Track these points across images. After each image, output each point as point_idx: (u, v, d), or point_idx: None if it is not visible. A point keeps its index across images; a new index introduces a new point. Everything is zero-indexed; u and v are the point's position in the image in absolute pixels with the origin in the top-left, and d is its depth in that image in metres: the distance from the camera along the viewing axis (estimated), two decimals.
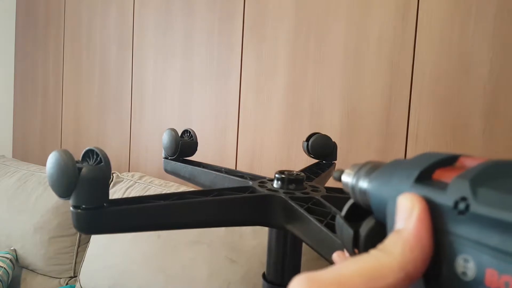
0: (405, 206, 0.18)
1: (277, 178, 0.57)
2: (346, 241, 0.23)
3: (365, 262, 0.17)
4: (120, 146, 1.64)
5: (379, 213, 0.21)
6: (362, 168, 0.24)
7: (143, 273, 1.04)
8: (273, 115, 1.19)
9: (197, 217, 0.49)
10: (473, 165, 0.17)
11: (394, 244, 0.17)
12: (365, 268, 0.16)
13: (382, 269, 0.16)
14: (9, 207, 1.45)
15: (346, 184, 0.24)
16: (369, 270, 0.16)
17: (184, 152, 0.74)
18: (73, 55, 1.83)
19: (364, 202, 0.23)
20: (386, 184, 0.21)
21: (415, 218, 0.17)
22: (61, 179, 0.39)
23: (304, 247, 0.57)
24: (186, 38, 1.40)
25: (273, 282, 0.57)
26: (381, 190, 0.21)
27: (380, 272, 0.16)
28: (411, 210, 0.17)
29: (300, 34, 1.12)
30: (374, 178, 0.22)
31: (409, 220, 0.17)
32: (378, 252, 0.17)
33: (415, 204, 0.17)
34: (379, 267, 0.16)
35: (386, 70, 0.98)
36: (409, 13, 0.94)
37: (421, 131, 0.94)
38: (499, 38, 0.84)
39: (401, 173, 0.20)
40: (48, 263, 1.36)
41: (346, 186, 0.25)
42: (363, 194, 0.23)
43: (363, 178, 0.23)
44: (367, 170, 0.23)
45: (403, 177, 0.19)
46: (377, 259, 0.17)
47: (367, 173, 0.23)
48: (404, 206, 0.18)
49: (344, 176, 0.25)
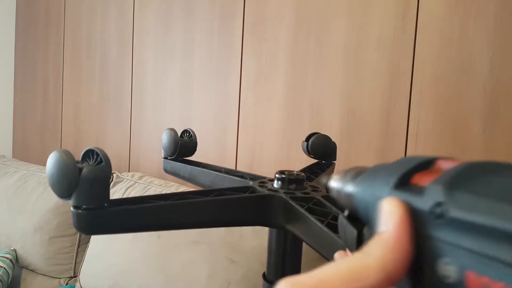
0: (386, 210, 0.18)
1: (277, 178, 0.57)
2: (349, 242, 0.24)
3: (347, 264, 0.17)
4: (120, 146, 1.64)
5: (365, 217, 0.21)
6: (348, 173, 0.24)
7: (143, 273, 1.04)
8: (273, 115, 1.19)
9: (198, 217, 0.49)
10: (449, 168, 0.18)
11: (375, 246, 0.17)
12: (346, 269, 0.17)
13: (363, 270, 0.17)
14: (9, 207, 1.45)
15: (333, 190, 0.25)
16: (350, 271, 0.17)
17: (183, 152, 0.74)
18: (73, 55, 1.83)
19: (350, 206, 0.23)
20: (369, 189, 0.21)
21: (395, 221, 0.18)
22: (62, 179, 0.39)
23: (304, 247, 0.57)
24: (186, 38, 1.40)
25: (273, 282, 0.57)
26: (364, 195, 0.21)
27: (361, 273, 0.17)
28: (391, 214, 0.18)
29: (300, 34, 1.12)
30: (358, 182, 0.22)
31: (390, 223, 0.18)
32: (360, 254, 0.18)
33: (396, 208, 0.18)
34: (360, 268, 0.17)
35: (386, 70, 0.98)
36: (409, 13, 0.94)
37: (421, 131, 0.94)
38: (499, 38, 0.84)
39: (383, 177, 0.20)
40: (48, 263, 1.36)
41: (333, 192, 0.25)
42: (348, 198, 0.23)
43: (349, 183, 0.23)
44: (352, 175, 0.23)
45: (384, 182, 0.20)
46: (358, 260, 0.17)
47: (353, 178, 0.23)
48: (385, 210, 0.18)
49: (332, 181, 0.25)
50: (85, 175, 0.40)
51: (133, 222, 0.45)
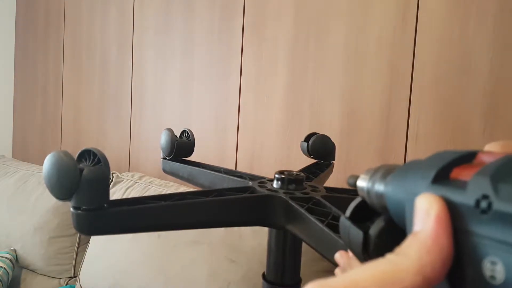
0: (422, 207, 0.17)
1: (277, 178, 0.57)
2: (354, 243, 0.23)
3: (380, 266, 0.16)
4: (120, 146, 1.64)
5: (397, 217, 0.20)
6: (377, 172, 0.23)
7: (143, 273, 1.04)
8: (273, 115, 1.19)
9: (198, 218, 0.49)
10: (492, 161, 0.16)
11: (411, 247, 0.16)
12: (379, 272, 0.16)
13: (397, 273, 0.16)
14: (9, 207, 1.45)
15: (361, 189, 0.24)
16: (383, 274, 0.16)
17: (181, 152, 0.74)
18: (73, 55, 1.83)
19: (381, 206, 0.22)
20: (402, 186, 0.20)
21: (432, 219, 0.16)
22: (63, 181, 0.39)
23: (304, 247, 0.57)
24: (186, 38, 1.40)
25: (273, 282, 0.57)
26: (397, 193, 0.20)
27: (396, 276, 0.15)
28: (428, 211, 0.17)
29: (300, 34, 1.12)
30: (390, 181, 0.21)
31: (427, 221, 0.17)
32: (393, 256, 0.17)
33: (433, 204, 0.17)
34: (394, 271, 0.16)
35: (386, 70, 0.98)
36: (409, 13, 0.94)
37: (421, 131, 0.94)
38: (499, 38, 0.84)
39: (417, 174, 0.19)
40: (48, 263, 1.36)
41: (361, 191, 0.24)
42: (380, 197, 0.22)
43: (379, 181, 0.22)
44: (382, 174, 0.22)
45: (419, 178, 0.19)
46: (392, 263, 0.16)
47: (382, 176, 0.22)
48: (421, 208, 0.17)
49: (360, 181, 0.24)
50: (86, 176, 0.40)
51: (133, 223, 0.45)
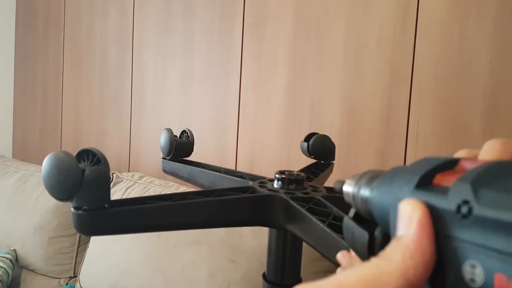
0: (405, 212, 0.17)
1: (278, 178, 0.57)
2: (358, 243, 0.23)
3: (365, 270, 0.16)
4: (120, 146, 1.64)
5: (382, 221, 0.21)
6: (363, 177, 0.23)
7: (143, 273, 1.04)
8: (273, 115, 1.19)
9: (198, 218, 0.49)
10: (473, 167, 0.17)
11: (394, 251, 0.17)
12: (364, 275, 0.16)
13: (382, 277, 0.16)
14: (9, 207, 1.45)
15: (347, 194, 0.24)
16: (368, 277, 0.16)
17: (180, 152, 0.74)
18: (73, 55, 1.83)
19: (366, 211, 0.22)
20: (387, 192, 0.20)
21: (415, 224, 0.17)
22: (64, 181, 0.39)
23: (304, 247, 0.57)
24: (186, 38, 1.40)
25: (273, 282, 0.57)
26: (382, 198, 0.20)
27: (380, 280, 0.16)
28: (411, 216, 0.17)
29: (300, 34, 1.12)
30: (375, 186, 0.21)
31: (410, 226, 0.17)
32: (378, 260, 0.17)
33: (416, 209, 0.17)
34: (378, 275, 0.16)
35: (386, 70, 0.98)
36: (409, 13, 0.94)
37: (421, 131, 0.94)
38: (499, 38, 0.84)
39: (401, 179, 0.19)
40: (48, 263, 1.36)
41: (347, 196, 0.24)
42: (365, 203, 0.22)
43: (364, 187, 0.22)
44: (367, 179, 0.23)
45: (403, 184, 0.19)
46: (377, 267, 0.17)
47: (368, 181, 0.22)
48: (404, 213, 0.17)
49: (345, 186, 0.24)
50: (88, 176, 0.40)
51: (133, 223, 0.45)
